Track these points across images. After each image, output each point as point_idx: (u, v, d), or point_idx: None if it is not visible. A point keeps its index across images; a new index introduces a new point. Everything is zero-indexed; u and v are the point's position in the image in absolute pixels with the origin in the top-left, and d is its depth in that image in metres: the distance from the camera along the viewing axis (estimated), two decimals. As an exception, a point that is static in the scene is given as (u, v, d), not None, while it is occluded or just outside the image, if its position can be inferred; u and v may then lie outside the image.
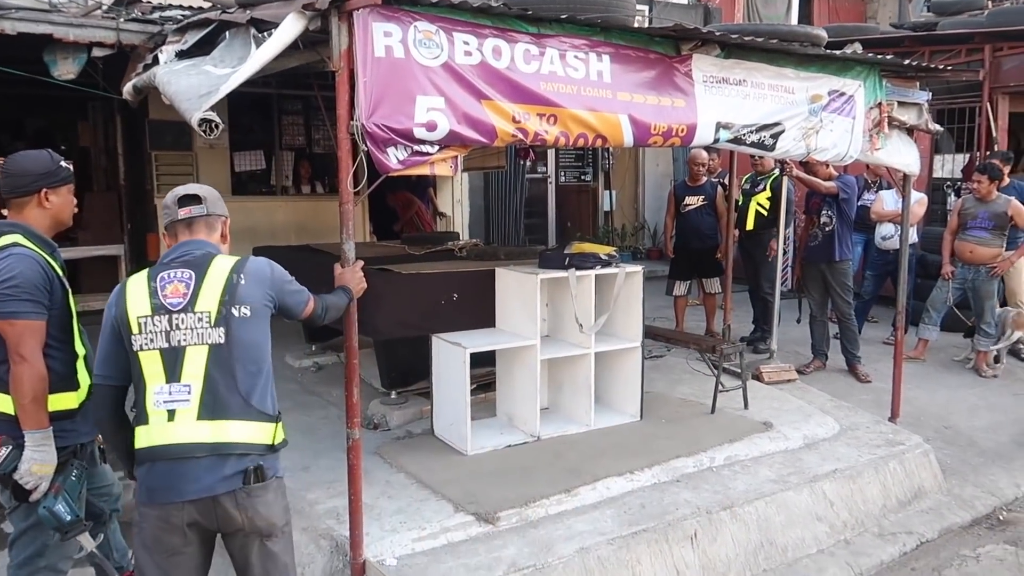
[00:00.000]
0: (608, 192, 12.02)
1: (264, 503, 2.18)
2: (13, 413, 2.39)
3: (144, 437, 2.14)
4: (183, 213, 2.28)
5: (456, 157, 3.06)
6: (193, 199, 2.30)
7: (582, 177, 12.01)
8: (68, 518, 2.40)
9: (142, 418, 2.14)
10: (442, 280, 4.50)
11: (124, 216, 7.95)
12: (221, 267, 2.20)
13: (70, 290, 2.53)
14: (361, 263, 2.93)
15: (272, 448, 2.23)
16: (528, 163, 9.65)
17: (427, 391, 4.46)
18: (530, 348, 4.24)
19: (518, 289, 4.34)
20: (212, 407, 2.12)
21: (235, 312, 2.15)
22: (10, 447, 2.38)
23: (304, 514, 3.53)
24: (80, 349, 2.55)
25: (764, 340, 6.37)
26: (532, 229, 11.46)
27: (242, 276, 2.19)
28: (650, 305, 9.33)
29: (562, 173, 11.85)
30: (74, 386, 2.52)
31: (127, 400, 2.29)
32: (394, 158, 2.82)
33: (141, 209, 8.20)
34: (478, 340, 4.21)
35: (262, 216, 8.27)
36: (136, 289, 2.18)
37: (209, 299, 2.14)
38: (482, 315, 4.55)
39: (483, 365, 4.81)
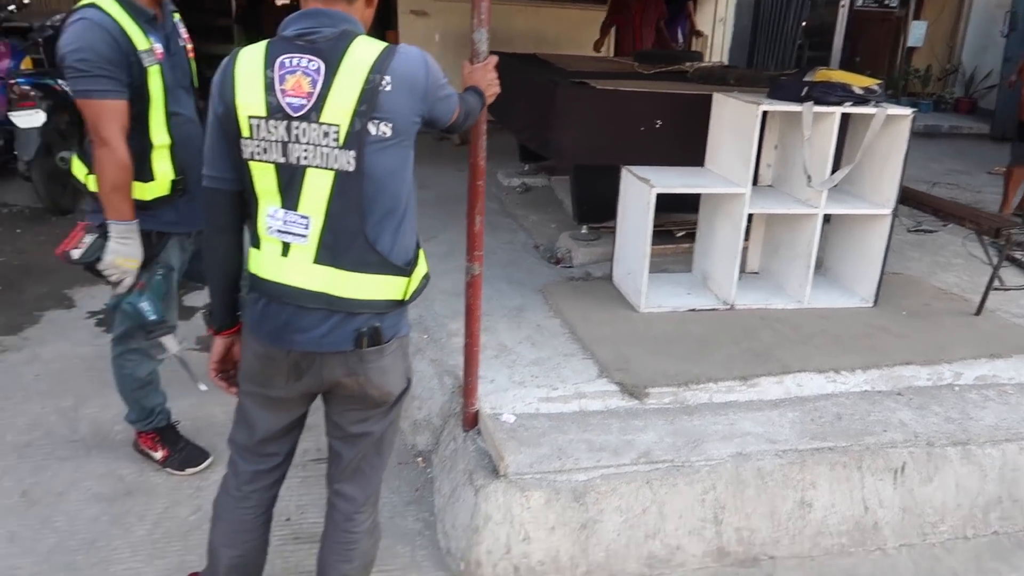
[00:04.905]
0: (918, 23, 9.80)
1: (379, 369, 1.72)
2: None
3: (255, 262, 1.71)
4: None
5: None
6: None
7: (886, 1, 9.85)
8: (152, 318, 2.25)
9: (254, 239, 1.70)
10: (644, 101, 3.73)
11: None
12: (361, 58, 1.55)
13: (156, 71, 2.20)
14: (495, 59, 2.20)
15: (401, 303, 1.72)
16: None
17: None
18: (736, 197, 3.40)
19: (734, 122, 3.45)
20: (333, 251, 1.63)
21: (372, 129, 1.55)
22: (95, 235, 2.21)
23: (439, 344, 3.22)
24: (159, 138, 2.26)
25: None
26: (810, 62, 9.75)
27: (387, 78, 1.54)
28: (940, 168, 7.75)
29: (862, -6, 9.82)
30: (146, 176, 2.26)
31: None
32: None
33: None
34: (672, 179, 3.45)
35: (498, 21, 7.72)
36: (248, 74, 1.57)
37: (340, 106, 1.54)
38: (691, 150, 3.75)
39: (691, 209, 4.06)
